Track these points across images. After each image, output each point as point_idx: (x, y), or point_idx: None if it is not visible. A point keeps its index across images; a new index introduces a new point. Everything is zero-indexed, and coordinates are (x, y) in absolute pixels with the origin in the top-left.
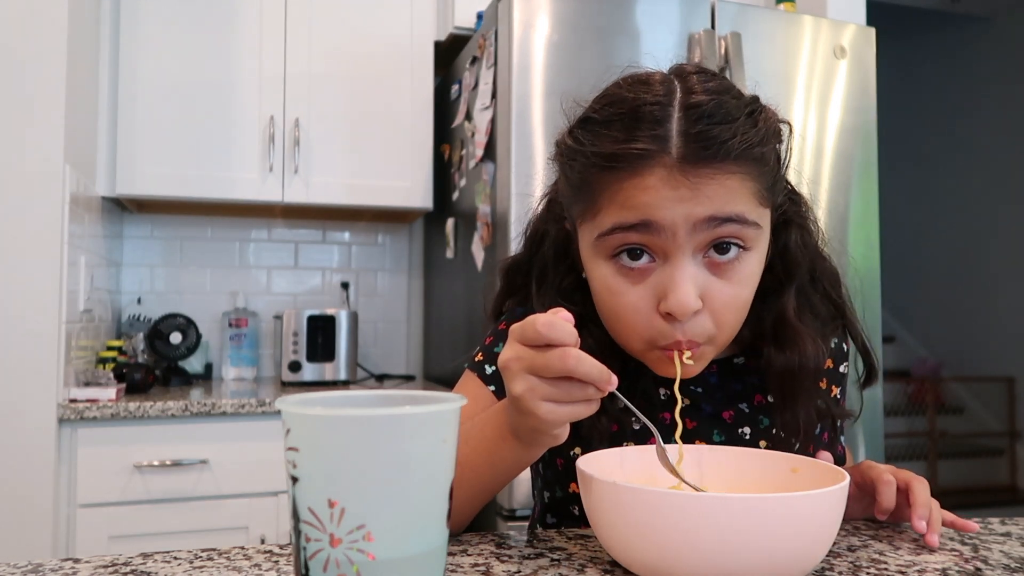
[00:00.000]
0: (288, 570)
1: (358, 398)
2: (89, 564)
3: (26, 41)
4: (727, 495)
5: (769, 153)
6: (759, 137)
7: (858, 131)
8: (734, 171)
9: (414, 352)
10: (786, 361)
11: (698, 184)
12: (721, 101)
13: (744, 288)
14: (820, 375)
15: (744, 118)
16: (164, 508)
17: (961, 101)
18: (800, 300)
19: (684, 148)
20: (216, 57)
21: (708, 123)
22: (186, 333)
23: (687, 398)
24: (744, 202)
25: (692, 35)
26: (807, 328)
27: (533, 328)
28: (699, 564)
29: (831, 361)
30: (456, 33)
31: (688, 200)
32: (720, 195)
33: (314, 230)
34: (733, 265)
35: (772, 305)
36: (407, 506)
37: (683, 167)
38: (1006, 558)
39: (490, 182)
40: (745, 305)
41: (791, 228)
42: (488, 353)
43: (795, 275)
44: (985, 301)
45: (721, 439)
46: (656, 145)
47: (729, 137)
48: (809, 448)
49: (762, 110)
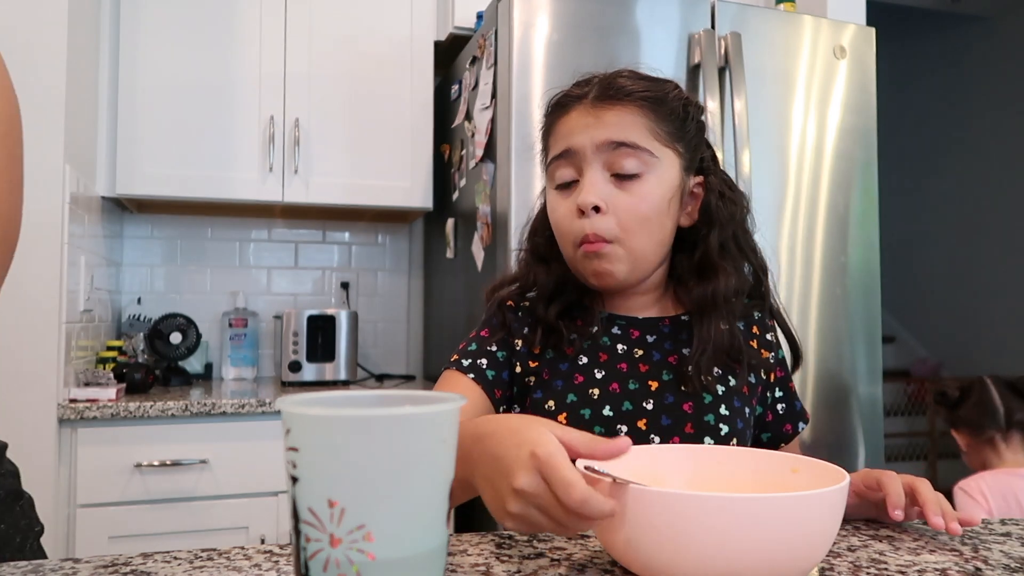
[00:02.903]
0: (288, 570)
1: (358, 398)
2: (89, 564)
3: (26, 41)
4: (727, 495)
5: (672, 107)
6: (658, 91)
7: (858, 131)
8: (631, 109)
9: (414, 352)
10: (703, 289)
11: (601, 115)
12: (633, 73)
13: (642, 202)
14: (732, 303)
15: (649, 82)
16: (164, 508)
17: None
18: (723, 253)
19: (596, 92)
20: (216, 57)
21: (617, 78)
22: (186, 333)
23: (641, 349)
24: (637, 133)
25: (692, 35)
26: (724, 265)
27: (567, 493)
28: (699, 564)
29: (765, 352)
30: (456, 33)
31: (593, 127)
32: (616, 123)
33: (314, 230)
34: (633, 182)
35: (696, 252)
36: (407, 506)
37: (594, 104)
38: (1006, 558)
39: (490, 182)
40: (646, 218)
41: (713, 195)
42: (462, 352)
43: (714, 226)
44: (985, 301)
45: (669, 376)
46: (580, 91)
47: (630, 86)
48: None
49: (675, 85)
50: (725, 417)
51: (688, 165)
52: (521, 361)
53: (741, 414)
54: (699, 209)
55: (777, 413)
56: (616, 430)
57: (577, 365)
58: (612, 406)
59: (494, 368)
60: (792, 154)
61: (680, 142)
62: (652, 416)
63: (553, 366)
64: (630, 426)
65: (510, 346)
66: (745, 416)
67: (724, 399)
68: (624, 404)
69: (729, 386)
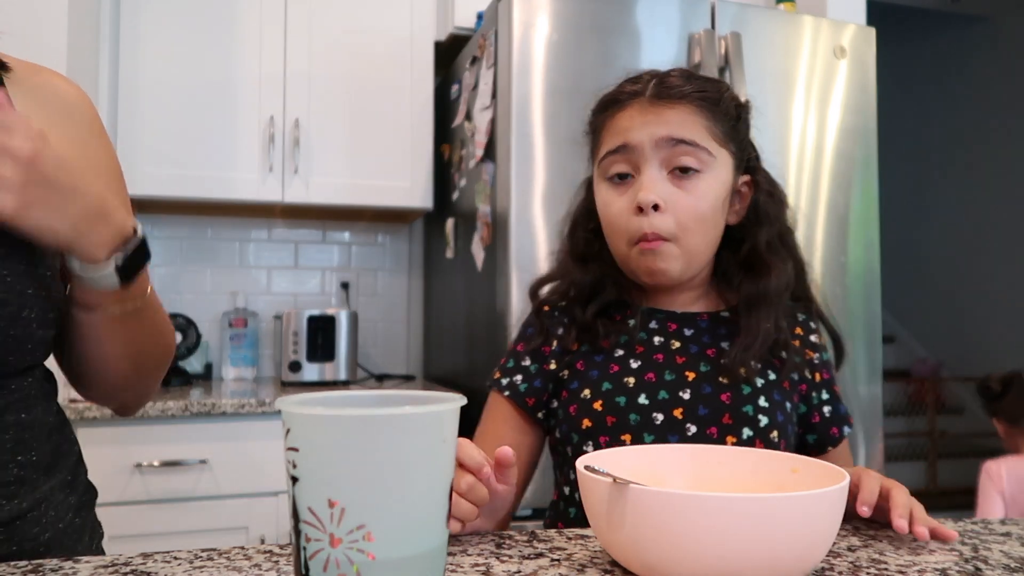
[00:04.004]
0: (288, 570)
1: (358, 398)
2: (89, 564)
3: (26, 41)
4: (727, 495)
5: (727, 108)
6: (714, 93)
7: (858, 131)
8: (690, 108)
9: (414, 352)
10: (754, 285)
11: (660, 112)
12: (684, 71)
13: (701, 201)
14: (782, 297)
15: (703, 82)
16: (164, 508)
17: (961, 101)
18: (771, 250)
19: (654, 90)
20: (216, 57)
21: (670, 77)
22: (186, 333)
23: (678, 341)
24: (695, 131)
25: (692, 35)
26: (775, 259)
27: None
28: (699, 564)
29: (810, 352)
30: (456, 33)
31: (652, 123)
32: (676, 121)
33: (314, 230)
34: (692, 181)
35: (747, 246)
36: (407, 506)
37: (652, 101)
38: (1006, 558)
39: (490, 182)
40: (703, 217)
41: (761, 194)
42: (501, 369)
43: (764, 223)
44: (985, 301)
45: (707, 368)
46: (636, 87)
47: (686, 86)
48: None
49: (727, 86)
50: (764, 409)
51: (739, 164)
52: (556, 358)
53: (782, 408)
54: (747, 207)
55: (824, 416)
56: (652, 418)
57: (613, 356)
58: (648, 394)
59: (527, 380)
60: (792, 154)
61: (733, 142)
62: (689, 405)
63: (588, 358)
64: (666, 415)
65: (542, 355)
66: (787, 410)
67: (764, 391)
68: (660, 393)
69: (769, 379)
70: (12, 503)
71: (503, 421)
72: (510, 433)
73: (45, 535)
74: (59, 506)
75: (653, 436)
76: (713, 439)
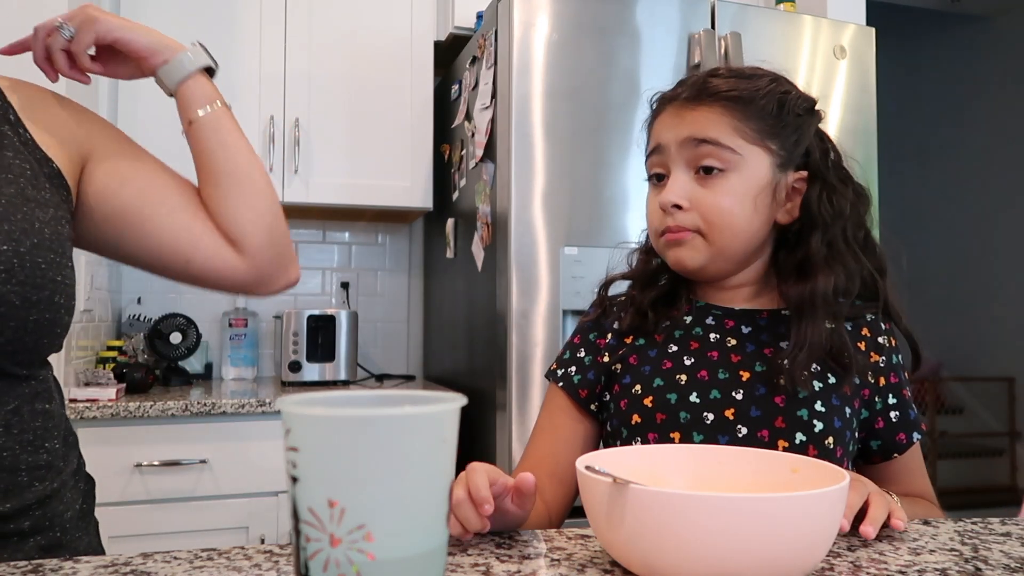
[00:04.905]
0: (288, 570)
1: (358, 398)
2: (89, 564)
3: None
4: (727, 495)
5: (765, 105)
6: (748, 90)
7: (858, 131)
8: (716, 108)
9: (414, 352)
10: (800, 289)
11: (685, 114)
12: (733, 70)
13: (724, 198)
14: (836, 303)
15: (741, 80)
16: (164, 508)
17: (961, 101)
18: (830, 252)
19: (688, 92)
20: (216, 57)
21: (710, 78)
22: (186, 333)
23: (734, 339)
24: (720, 131)
25: (692, 35)
26: (826, 265)
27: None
28: (699, 564)
29: (875, 355)
30: (456, 33)
31: (678, 125)
32: (699, 122)
33: (314, 230)
34: (716, 180)
35: (799, 250)
36: (407, 506)
37: (683, 103)
38: (1006, 558)
39: (490, 182)
40: (729, 213)
41: (814, 192)
42: (558, 360)
43: (816, 224)
44: (985, 301)
45: (763, 368)
46: (675, 92)
47: (720, 86)
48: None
49: (771, 81)
50: (820, 414)
51: (784, 161)
52: (610, 351)
53: (840, 413)
54: (799, 206)
55: (889, 420)
56: (702, 417)
57: (666, 352)
58: (699, 393)
59: (580, 372)
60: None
61: (773, 139)
62: (741, 406)
63: (642, 352)
64: (716, 414)
65: (596, 347)
66: (845, 416)
67: (820, 395)
68: (712, 392)
69: (827, 383)
70: (44, 484)
71: (559, 411)
72: (567, 423)
73: (67, 513)
74: (73, 490)
75: (703, 436)
76: (764, 443)
